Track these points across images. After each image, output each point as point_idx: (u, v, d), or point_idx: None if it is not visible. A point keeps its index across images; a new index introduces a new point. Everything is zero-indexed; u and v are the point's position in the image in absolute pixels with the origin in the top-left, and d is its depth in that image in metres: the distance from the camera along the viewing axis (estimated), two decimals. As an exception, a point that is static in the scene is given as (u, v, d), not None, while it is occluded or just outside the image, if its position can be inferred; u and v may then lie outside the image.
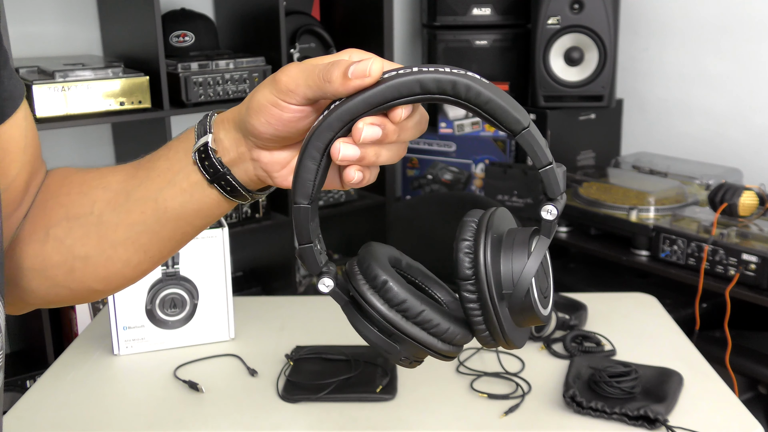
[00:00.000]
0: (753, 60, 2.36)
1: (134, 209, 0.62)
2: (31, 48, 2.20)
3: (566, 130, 2.51)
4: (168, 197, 0.61)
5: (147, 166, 0.63)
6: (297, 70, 0.55)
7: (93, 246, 0.64)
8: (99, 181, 0.65)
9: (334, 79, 0.52)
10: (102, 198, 0.64)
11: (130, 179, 0.63)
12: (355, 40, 2.60)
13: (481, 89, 0.52)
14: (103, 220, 0.63)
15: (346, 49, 0.57)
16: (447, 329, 0.56)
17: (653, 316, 1.52)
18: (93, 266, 0.64)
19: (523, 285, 0.55)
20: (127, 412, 1.21)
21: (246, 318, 1.49)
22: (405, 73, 0.52)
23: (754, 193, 1.93)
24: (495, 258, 0.55)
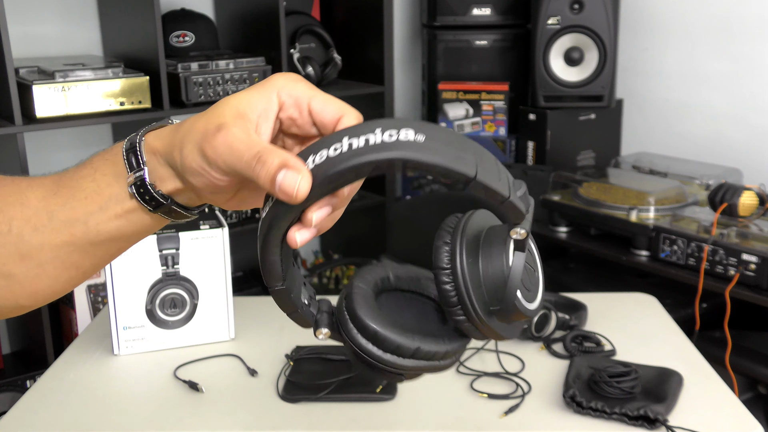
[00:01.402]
0: (753, 60, 2.36)
1: (61, 230, 0.59)
2: (31, 48, 2.20)
3: (566, 130, 2.51)
4: (100, 221, 0.59)
5: (69, 184, 0.59)
6: (225, 147, 0.52)
7: (16, 265, 0.60)
8: (15, 197, 0.60)
9: (261, 181, 0.51)
10: (20, 216, 0.59)
11: (51, 197, 0.59)
12: (355, 40, 2.60)
13: (420, 158, 0.50)
14: (24, 240, 0.59)
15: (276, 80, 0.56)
16: (444, 353, 0.59)
17: (653, 316, 1.52)
18: (19, 284, 0.61)
19: (508, 300, 0.56)
20: (127, 412, 1.21)
21: (246, 318, 1.49)
22: (344, 156, 0.50)
23: (754, 193, 1.93)
24: (475, 278, 0.55)
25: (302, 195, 0.50)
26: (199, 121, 0.54)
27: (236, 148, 0.52)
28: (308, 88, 0.56)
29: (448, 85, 2.62)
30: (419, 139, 0.50)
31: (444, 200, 2.34)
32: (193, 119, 0.55)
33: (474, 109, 2.61)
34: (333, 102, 0.56)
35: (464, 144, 0.52)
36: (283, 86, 0.56)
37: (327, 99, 0.56)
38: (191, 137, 0.54)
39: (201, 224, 1.37)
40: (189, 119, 0.56)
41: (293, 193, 0.50)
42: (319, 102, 0.56)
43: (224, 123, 0.53)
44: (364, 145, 0.50)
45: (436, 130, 0.52)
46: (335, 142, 0.51)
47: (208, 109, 0.56)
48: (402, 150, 0.49)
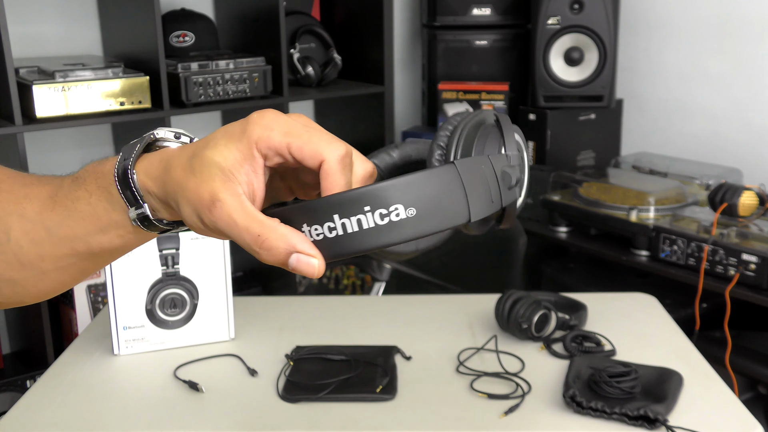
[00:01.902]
0: (753, 60, 2.36)
1: (62, 245, 0.60)
2: (31, 48, 2.20)
3: (566, 130, 2.51)
4: (103, 241, 0.60)
5: (64, 203, 0.59)
6: (223, 223, 0.52)
7: (16, 272, 0.61)
8: (14, 206, 0.61)
9: (268, 262, 0.53)
10: (17, 227, 0.60)
11: (47, 212, 0.60)
12: (355, 40, 2.60)
13: (415, 234, 0.51)
14: (24, 251, 0.60)
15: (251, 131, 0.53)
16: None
17: (653, 316, 1.52)
18: (22, 287, 0.63)
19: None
20: (127, 412, 1.21)
21: (246, 318, 1.49)
22: (340, 239, 0.52)
23: (754, 193, 1.93)
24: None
25: (319, 275, 0.52)
26: (188, 180, 0.53)
27: (234, 225, 0.53)
28: (282, 135, 0.54)
29: (448, 85, 2.62)
30: (410, 214, 0.51)
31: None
32: (180, 169, 0.54)
33: (474, 109, 2.61)
34: (310, 145, 0.54)
35: (453, 189, 0.52)
36: (259, 138, 0.53)
37: (304, 143, 0.54)
38: (185, 197, 0.54)
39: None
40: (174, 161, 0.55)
41: (313, 275, 0.52)
42: (296, 149, 0.54)
43: (216, 194, 0.52)
44: (358, 228, 0.51)
45: (424, 187, 0.52)
46: (327, 220, 0.52)
47: (192, 156, 0.54)
48: (396, 234, 0.51)
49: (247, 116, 0.55)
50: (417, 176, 0.52)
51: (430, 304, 1.59)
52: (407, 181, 0.51)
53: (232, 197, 0.52)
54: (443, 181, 0.52)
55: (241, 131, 0.54)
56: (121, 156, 0.58)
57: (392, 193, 0.51)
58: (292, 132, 0.54)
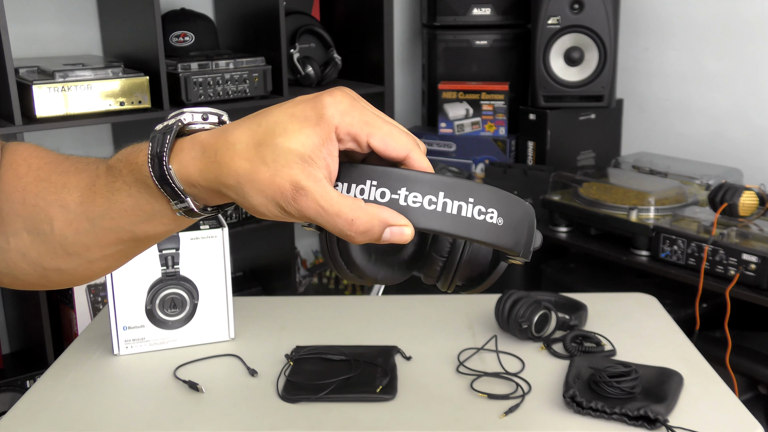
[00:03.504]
0: (753, 60, 2.36)
1: (107, 235, 0.60)
2: (31, 48, 2.20)
3: (566, 130, 2.51)
4: (148, 229, 0.60)
5: (104, 194, 0.59)
6: (311, 211, 0.52)
7: (63, 261, 0.62)
8: (54, 197, 0.61)
9: (360, 242, 0.53)
10: (60, 217, 0.60)
11: (88, 203, 0.60)
12: (355, 40, 2.60)
13: (493, 241, 0.56)
14: (68, 241, 0.61)
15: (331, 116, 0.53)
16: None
17: (653, 316, 1.52)
18: (69, 275, 0.63)
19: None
20: (127, 412, 1.21)
21: (246, 318, 1.49)
22: (437, 216, 0.54)
23: (754, 193, 1.93)
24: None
25: (409, 240, 0.54)
26: (258, 171, 0.52)
27: (324, 212, 0.52)
28: (363, 123, 0.53)
29: (448, 85, 2.62)
30: (499, 222, 0.56)
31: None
32: (244, 160, 0.53)
33: (474, 109, 2.61)
34: (394, 138, 0.54)
35: (525, 224, 0.58)
36: (340, 123, 0.53)
37: (386, 135, 0.54)
38: (256, 188, 0.53)
39: (201, 224, 1.37)
40: (227, 151, 0.54)
41: (404, 242, 0.54)
42: (378, 140, 0.54)
43: (299, 183, 0.51)
44: (457, 212, 0.54)
45: (515, 208, 0.57)
46: (430, 193, 0.54)
47: (259, 145, 0.53)
48: (484, 233, 0.55)
49: (314, 96, 0.54)
50: (512, 197, 0.57)
51: (430, 304, 1.59)
52: (506, 195, 0.56)
53: (315, 184, 0.52)
54: (525, 212, 0.58)
55: (318, 115, 0.53)
56: (151, 148, 0.56)
57: (493, 197, 0.55)
58: (371, 122, 0.54)
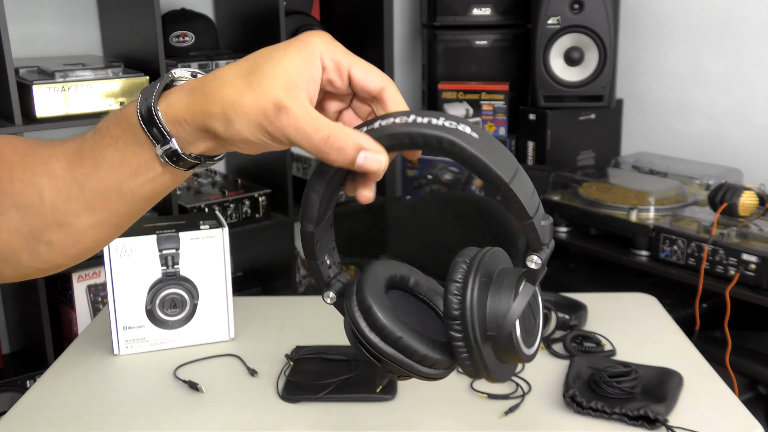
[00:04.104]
0: (753, 60, 2.36)
1: (95, 199, 0.61)
2: (31, 48, 2.20)
3: (566, 130, 2.51)
4: (134, 187, 0.60)
5: (92, 154, 0.60)
6: (291, 129, 0.54)
7: (54, 233, 0.62)
8: (42, 168, 0.61)
9: (337, 163, 0.55)
10: (49, 187, 0.60)
11: (76, 167, 0.60)
12: (355, 40, 2.60)
13: (465, 146, 0.54)
14: (59, 210, 0.61)
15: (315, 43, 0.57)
16: (424, 356, 0.60)
17: (653, 316, 1.52)
18: (60, 249, 0.63)
19: (506, 327, 0.59)
20: (127, 412, 1.21)
21: (246, 318, 1.49)
22: (398, 124, 0.55)
23: (754, 193, 1.93)
24: (481, 299, 0.59)
25: (384, 170, 0.55)
26: (244, 95, 0.54)
27: (302, 129, 0.54)
28: (346, 53, 0.57)
29: (448, 85, 2.62)
30: (474, 135, 0.55)
31: (444, 201, 2.34)
32: (231, 88, 0.55)
33: (474, 109, 2.61)
34: (372, 71, 0.58)
35: (510, 158, 0.57)
36: (324, 51, 0.56)
37: (366, 67, 0.58)
38: (241, 112, 0.54)
39: (201, 224, 1.37)
40: (214, 83, 0.56)
41: (379, 172, 0.55)
42: (359, 70, 0.58)
43: (281, 102, 0.54)
44: (427, 122, 0.55)
45: (492, 138, 0.57)
46: (402, 115, 0.56)
47: (247, 73, 0.55)
48: (456, 137, 0.54)
49: (298, 35, 0.57)
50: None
51: (430, 304, 1.58)
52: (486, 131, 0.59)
53: (296, 103, 0.54)
54: (509, 153, 0.58)
55: (303, 42, 0.56)
56: (141, 97, 0.58)
57: (468, 122, 0.57)
58: (351, 55, 0.58)
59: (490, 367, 0.60)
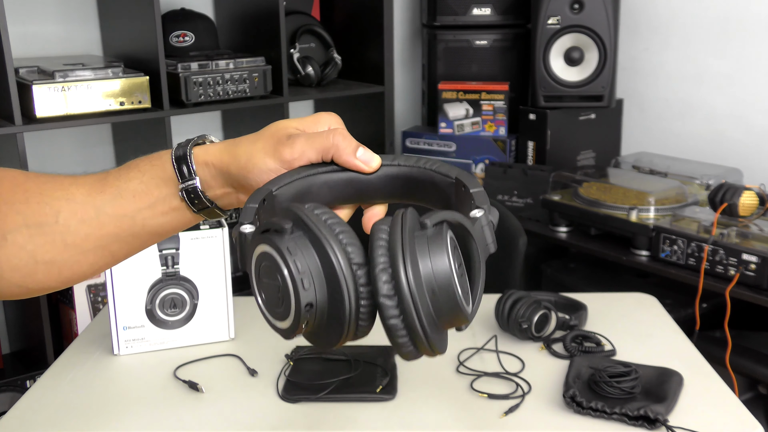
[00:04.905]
0: (753, 60, 2.36)
1: (108, 223, 0.66)
2: (31, 48, 2.20)
3: (566, 130, 2.51)
4: (147, 217, 0.66)
5: (115, 184, 0.66)
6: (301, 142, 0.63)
7: (58, 252, 0.66)
8: (60, 192, 0.66)
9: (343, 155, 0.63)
10: (66, 209, 0.66)
11: (96, 194, 0.66)
12: (355, 40, 2.60)
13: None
14: (71, 230, 0.66)
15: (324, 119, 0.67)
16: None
17: (653, 316, 1.52)
18: (57, 270, 0.67)
19: (448, 294, 0.54)
20: (127, 412, 1.21)
21: (246, 318, 1.49)
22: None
23: (754, 193, 1.93)
24: (417, 277, 0.53)
25: (376, 166, 0.64)
26: (257, 142, 0.64)
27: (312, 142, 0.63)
28: (345, 137, 0.66)
29: (448, 85, 2.62)
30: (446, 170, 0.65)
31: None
32: (250, 144, 0.65)
33: (474, 109, 2.61)
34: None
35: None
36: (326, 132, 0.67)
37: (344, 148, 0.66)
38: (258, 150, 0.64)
39: (201, 224, 1.37)
40: (242, 145, 0.65)
41: (371, 163, 0.64)
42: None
43: (290, 133, 0.64)
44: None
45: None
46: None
47: (258, 135, 0.66)
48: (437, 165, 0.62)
49: (314, 115, 0.68)
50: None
51: (430, 304, 1.58)
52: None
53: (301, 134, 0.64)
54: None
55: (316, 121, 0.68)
56: (177, 146, 0.67)
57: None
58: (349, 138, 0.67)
59: (436, 345, 0.55)
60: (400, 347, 0.56)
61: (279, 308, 0.56)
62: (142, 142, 2.22)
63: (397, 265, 0.53)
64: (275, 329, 0.57)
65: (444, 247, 0.55)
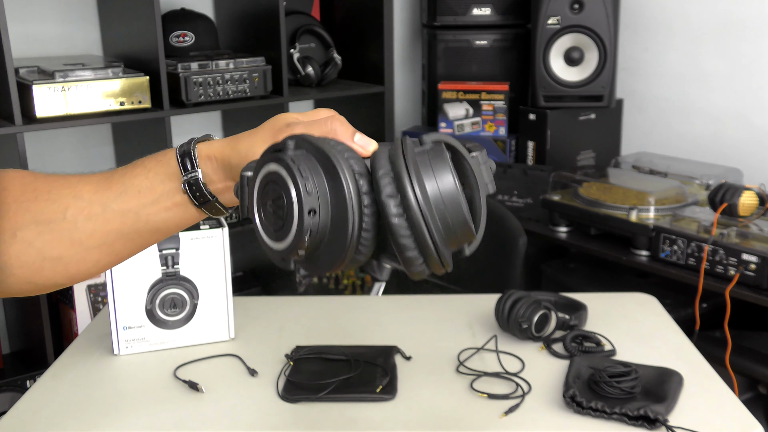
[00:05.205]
0: (753, 60, 2.36)
1: (113, 219, 0.68)
2: (31, 48, 2.20)
3: (566, 130, 2.51)
4: (151, 212, 0.68)
5: (121, 180, 0.69)
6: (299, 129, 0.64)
7: (65, 249, 0.68)
8: (68, 190, 0.69)
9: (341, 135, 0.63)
10: (74, 206, 0.68)
11: (103, 191, 0.68)
12: (355, 40, 2.60)
13: None
14: (77, 227, 0.68)
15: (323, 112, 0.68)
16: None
17: (653, 316, 1.52)
18: (64, 266, 0.69)
19: (458, 217, 0.57)
20: (127, 412, 1.21)
21: (246, 318, 1.49)
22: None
23: (754, 193, 1.93)
24: (425, 200, 0.56)
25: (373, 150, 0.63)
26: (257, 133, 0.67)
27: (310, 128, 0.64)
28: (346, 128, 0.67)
29: (448, 85, 2.62)
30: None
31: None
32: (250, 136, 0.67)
33: (474, 109, 2.61)
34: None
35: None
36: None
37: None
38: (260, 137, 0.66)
39: (201, 224, 1.37)
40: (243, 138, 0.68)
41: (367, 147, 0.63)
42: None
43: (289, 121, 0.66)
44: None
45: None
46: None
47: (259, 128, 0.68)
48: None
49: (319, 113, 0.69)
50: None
51: (430, 304, 1.59)
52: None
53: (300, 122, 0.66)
54: None
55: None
56: (182, 144, 0.69)
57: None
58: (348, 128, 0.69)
59: (448, 261, 0.59)
60: (409, 263, 0.59)
61: (279, 227, 0.58)
62: (142, 142, 2.22)
63: (403, 179, 0.56)
64: (271, 252, 0.60)
65: (446, 161, 0.58)
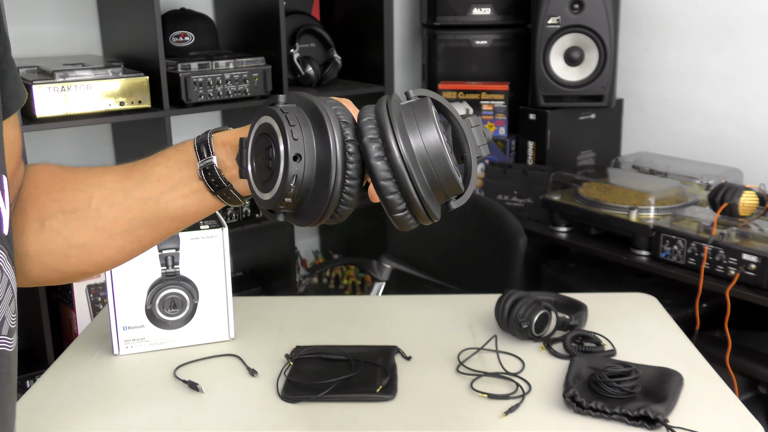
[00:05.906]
0: (753, 60, 2.36)
1: (134, 207, 0.71)
2: (31, 48, 2.20)
3: (566, 130, 2.51)
4: (169, 199, 0.71)
5: (142, 169, 0.72)
6: None
7: (90, 236, 0.71)
8: (93, 180, 0.72)
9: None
10: (98, 195, 0.71)
11: (125, 179, 0.72)
12: (355, 40, 2.60)
13: None
14: (101, 214, 0.71)
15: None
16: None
17: (653, 316, 1.52)
18: (89, 253, 0.72)
19: (442, 168, 0.60)
20: (127, 412, 1.21)
21: (246, 318, 1.49)
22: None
23: (754, 193, 1.93)
24: (409, 151, 0.60)
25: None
26: None
27: None
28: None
29: (448, 84, 2.62)
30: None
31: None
32: None
33: (474, 108, 2.61)
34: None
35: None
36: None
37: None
38: None
39: (201, 224, 1.37)
40: None
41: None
42: None
43: None
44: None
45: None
46: None
47: None
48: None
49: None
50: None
51: (430, 304, 1.59)
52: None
53: None
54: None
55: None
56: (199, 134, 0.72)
57: None
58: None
59: (433, 211, 0.62)
60: (391, 207, 0.64)
61: (268, 177, 0.63)
62: (142, 142, 2.22)
63: (384, 124, 0.60)
64: (261, 203, 0.64)
65: (429, 112, 0.61)
